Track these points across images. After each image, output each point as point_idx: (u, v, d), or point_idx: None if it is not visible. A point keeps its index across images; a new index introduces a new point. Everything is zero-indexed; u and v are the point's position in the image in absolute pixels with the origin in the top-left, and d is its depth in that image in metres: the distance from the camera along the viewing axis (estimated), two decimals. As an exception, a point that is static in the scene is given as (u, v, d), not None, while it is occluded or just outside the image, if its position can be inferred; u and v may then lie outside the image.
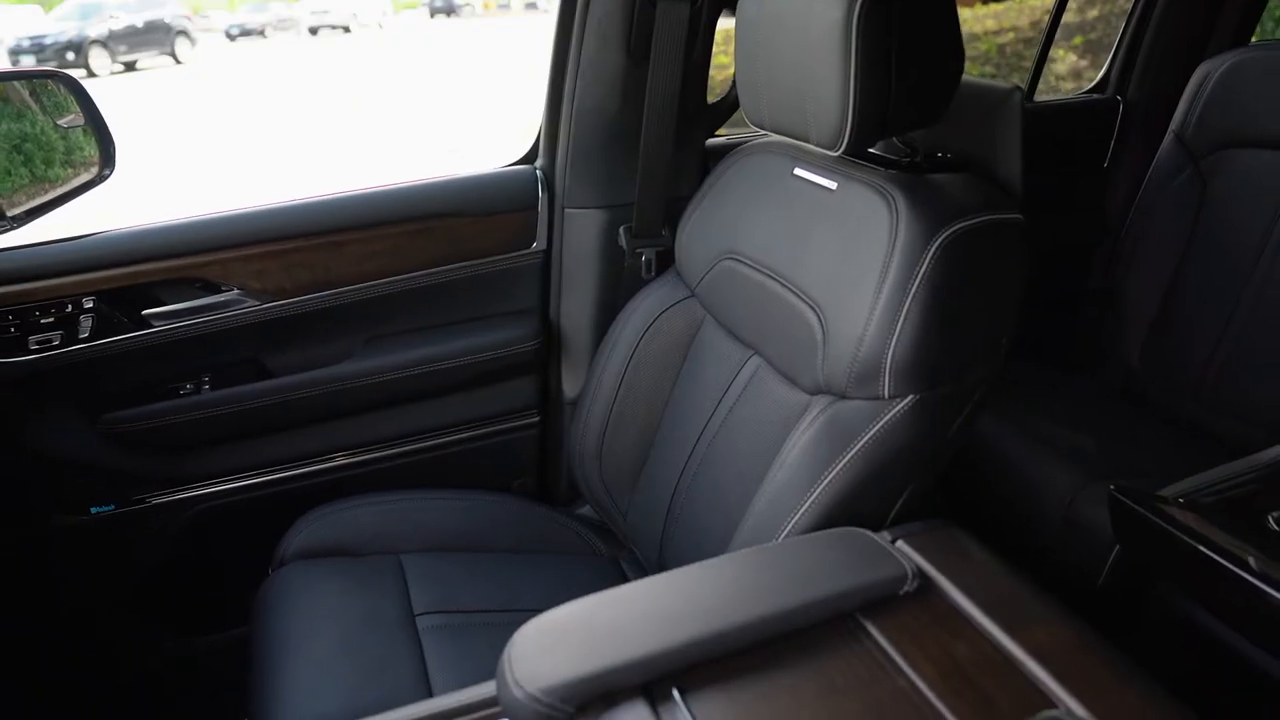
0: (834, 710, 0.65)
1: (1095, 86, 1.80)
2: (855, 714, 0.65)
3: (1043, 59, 1.75)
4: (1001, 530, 1.22)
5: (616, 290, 1.33)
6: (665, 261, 1.28)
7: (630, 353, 1.20)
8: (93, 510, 1.23)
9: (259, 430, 1.28)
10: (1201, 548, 0.90)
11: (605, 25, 1.20)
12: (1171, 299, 1.54)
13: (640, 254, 1.31)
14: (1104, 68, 1.78)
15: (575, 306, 1.37)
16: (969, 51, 1.66)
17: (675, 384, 1.20)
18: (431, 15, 21.25)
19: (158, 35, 13.12)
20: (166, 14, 13.25)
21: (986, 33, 7.81)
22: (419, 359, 1.31)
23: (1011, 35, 6.75)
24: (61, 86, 1.26)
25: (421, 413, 1.36)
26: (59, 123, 1.27)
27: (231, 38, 17.14)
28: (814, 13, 0.86)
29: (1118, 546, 1.15)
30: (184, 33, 13.57)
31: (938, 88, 0.92)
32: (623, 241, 1.31)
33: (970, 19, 8.68)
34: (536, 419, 1.44)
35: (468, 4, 21.94)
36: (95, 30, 12.16)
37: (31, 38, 11.80)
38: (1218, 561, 0.89)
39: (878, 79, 0.85)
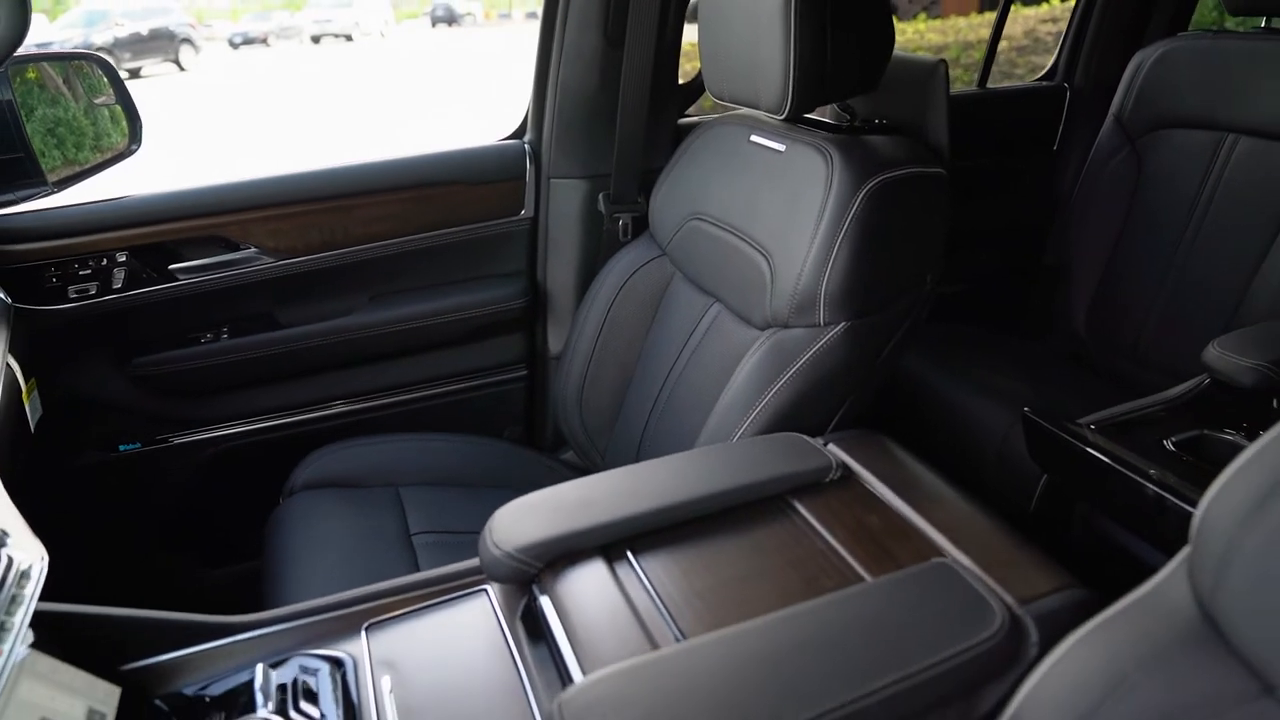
0: (759, 564, 0.78)
1: (1045, 75, 1.94)
2: (777, 567, 0.78)
3: (992, 50, 1.89)
4: (941, 466, 1.35)
5: (597, 252, 1.46)
6: (640, 226, 1.41)
7: (607, 308, 1.33)
8: (121, 448, 1.36)
9: (271, 377, 1.41)
10: (1104, 458, 1.03)
11: (585, 11, 1.34)
12: (1112, 268, 1.67)
13: (618, 219, 1.44)
14: (1053, 57, 1.92)
15: (559, 268, 1.50)
16: (964, 59, 1.80)
17: (647, 335, 1.33)
18: (433, 24, 21.43)
19: (162, 43, 13.29)
20: (171, 21, 13.43)
21: (981, 41, 7.97)
22: (417, 314, 1.44)
23: (1005, 43, 6.90)
24: (95, 68, 1.39)
25: (419, 364, 1.49)
26: (95, 101, 1.40)
27: (235, 46, 17.33)
28: None
29: (1045, 476, 1.28)
30: (188, 40, 13.74)
31: (869, 59, 1.05)
32: (602, 208, 1.44)
33: (965, 28, 8.85)
34: (524, 372, 1.57)
35: (469, 13, 22.12)
36: (100, 37, 12.34)
37: (38, 45, 11.98)
38: (1118, 470, 1.02)
39: (815, 51, 0.99)
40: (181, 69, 13.49)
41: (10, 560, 0.68)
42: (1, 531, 0.68)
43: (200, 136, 7.87)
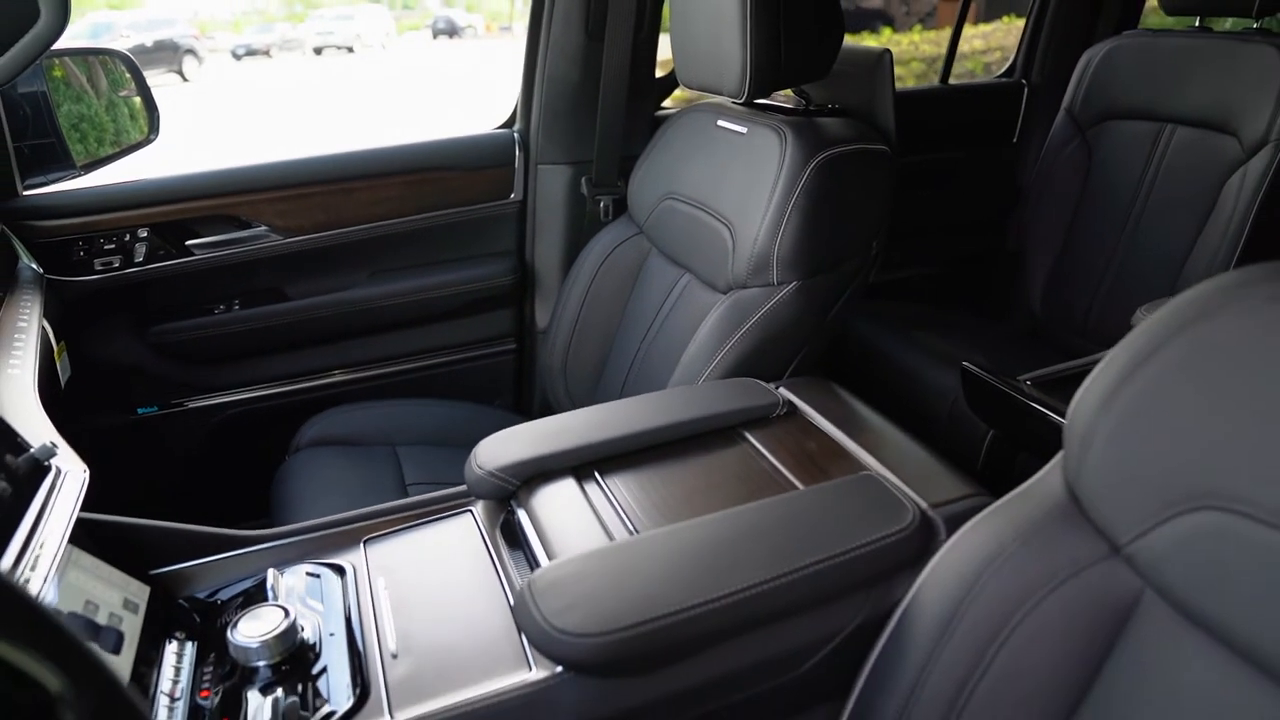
0: (710, 480, 0.89)
1: (1005, 72, 2.07)
2: (726, 482, 0.89)
3: (953, 47, 2.01)
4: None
5: (580, 232, 1.58)
6: (620, 208, 1.53)
7: (589, 284, 1.45)
8: (139, 411, 1.47)
9: (278, 346, 1.52)
10: (1035, 405, 1.14)
11: (568, 9, 1.46)
12: (1066, 250, 1.79)
13: (599, 201, 1.56)
14: (1012, 56, 2.04)
15: (546, 248, 1.61)
16: (956, 69, 1.94)
17: (626, 306, 1.45)
18: (434, 36, 21.63)
19: (165, 54, 13.45)
20: (175, 33, 13.63)
21: (974, 52, 8.13)
22: (414, 289, 1.55)
23: (999, 54, 7.04)
24: (119, 63, 1.51)
25: (415, 336, 1.61)
26: (119, 94, 1.52)
27: (237, 57, 17.52)
28: None
29: (990, 433, 1.39)
30: (191, 51, 13.93)
31: (820, 48, 1.17)
32: (585, 191, 1.56)
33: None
34: (514, 346, 1.68)
35: (470, 26, 22.33)
36: (106, 49, 12.50)
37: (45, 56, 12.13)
38: (1048, 417, 1.12)
39: (770, 41, 1.11)
40: (184, 79, 13.66)
41: (59, 469, 0.79)
42: (51, 443, 0.79)
43: (199, 141, 8.02)
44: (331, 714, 0.69)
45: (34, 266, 1.24)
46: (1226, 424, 0.57)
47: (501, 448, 0.92)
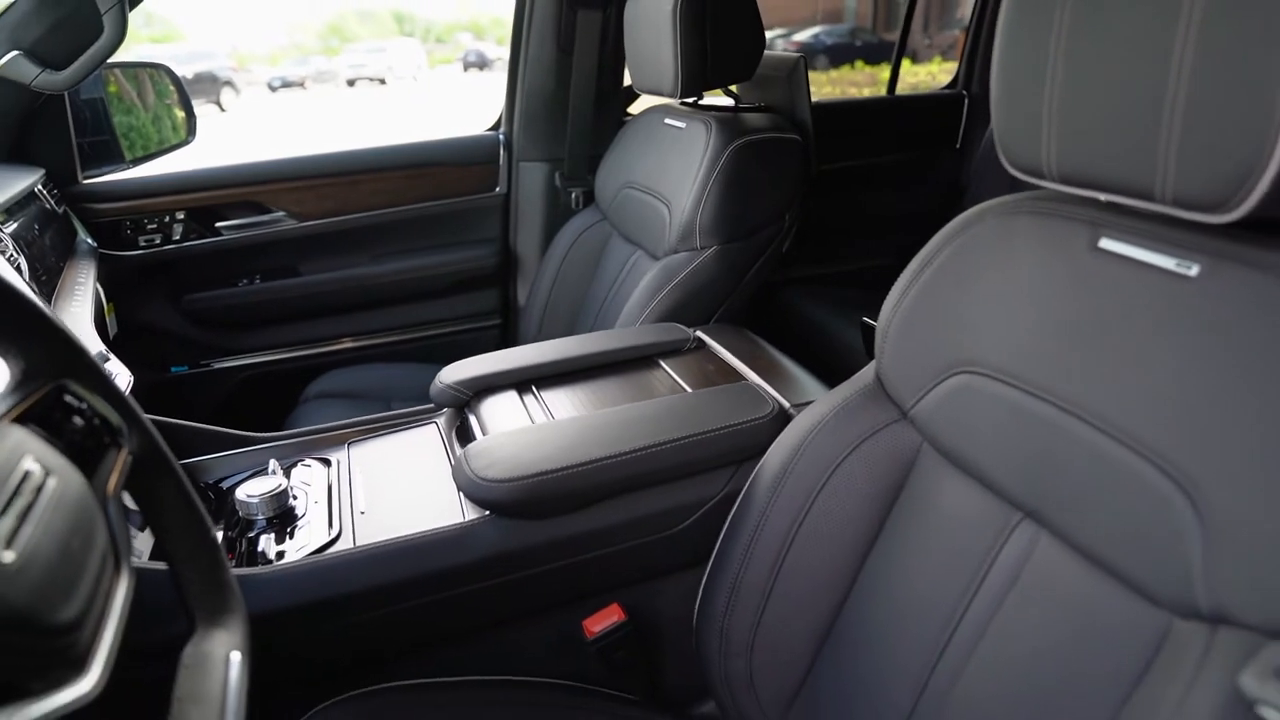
0: (624, 390, 1.11)
1: (950, 84, 2.28)
2: (634, 392, 1.10)
3: (898, 60, 2.23)
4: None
5: (555, 221, 1.81)
6: (589, 198, 1.76)
7: (560, 263, 1.67)
8: (172, 370, 1.71)
9: (293, 315, 1.76)
10: None
11: (543, 26, 1.71)
12: None
13: (571, 193, 1.79)
14: (955, 69, 2.25)
15: (526, 234, 1.84)
16: None
17: (591, 282, 1.67)
18: (465, 69, 22.36)
19: (204, 85, 14.14)
20: (215, 66, 14.33)
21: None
22: (410, 269, 1.79)
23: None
24: (164, 75, 1.78)
25: (411, 310, 1.84)
26: (165, 102, 1.79)
27: (273, 89, 18.28)
28: (657, 5, 1.35)
29: None
30: (229, 83, 14.62)
31: (743, 54, 1.39)
32: (558, 184, 1.79)
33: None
34: (499, 322, 1.91)
35: (500, 58, 23.02)
36: (150, 81, 13.14)
37: (91, 88, 12.79)
38: None
39: (697, 48, 1.33)
40: (222, 109, 14.31)
41: (110, 372, 1.02)
42: (105, 351, 1.02)
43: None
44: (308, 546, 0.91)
45: (90, 241, 1.49)
46: (971, 309, 0.77)
47: (460, 368, 1.14)
